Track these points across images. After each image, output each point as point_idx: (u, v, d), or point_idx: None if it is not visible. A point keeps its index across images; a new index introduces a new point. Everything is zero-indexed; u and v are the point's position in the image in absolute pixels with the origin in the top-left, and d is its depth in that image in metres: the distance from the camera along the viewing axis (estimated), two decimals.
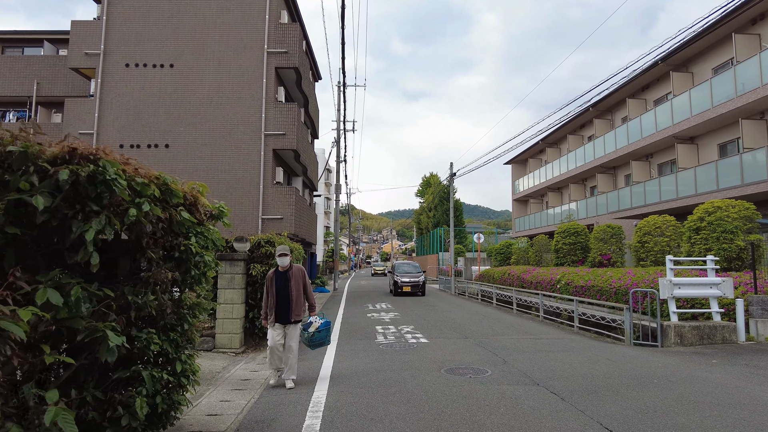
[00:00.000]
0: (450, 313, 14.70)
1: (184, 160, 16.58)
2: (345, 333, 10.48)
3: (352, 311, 15.13)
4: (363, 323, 12.12)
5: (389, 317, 13.37)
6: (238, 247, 8.63)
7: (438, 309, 15.89)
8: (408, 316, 13.71)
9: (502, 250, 26.20)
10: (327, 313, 14.85)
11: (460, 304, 17.86)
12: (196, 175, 16.36)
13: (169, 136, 16.69)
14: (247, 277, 8.82)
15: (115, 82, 16.87)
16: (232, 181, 16.43)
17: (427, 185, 51.31)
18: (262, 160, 16.32)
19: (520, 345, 8.86)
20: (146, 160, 14.82)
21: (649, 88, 22.10)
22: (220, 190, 16.40)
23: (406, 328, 11.08)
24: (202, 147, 16.63)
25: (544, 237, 21.83)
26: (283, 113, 16.60)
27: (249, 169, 16.45)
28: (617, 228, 16.63)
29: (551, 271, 17.42)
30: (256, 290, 8.83)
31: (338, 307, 16.81)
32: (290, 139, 16.47)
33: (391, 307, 16.16)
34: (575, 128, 29.03)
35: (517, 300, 15.77)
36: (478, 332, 10.51)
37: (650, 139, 20.04)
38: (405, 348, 8.52)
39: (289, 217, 16.11)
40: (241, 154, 16.56)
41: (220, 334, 8.47)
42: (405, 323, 11.95)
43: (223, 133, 16.68)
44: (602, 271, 14.80)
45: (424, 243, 48.69)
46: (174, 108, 16.80)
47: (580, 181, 28.45)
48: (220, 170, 16.51)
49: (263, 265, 8.76)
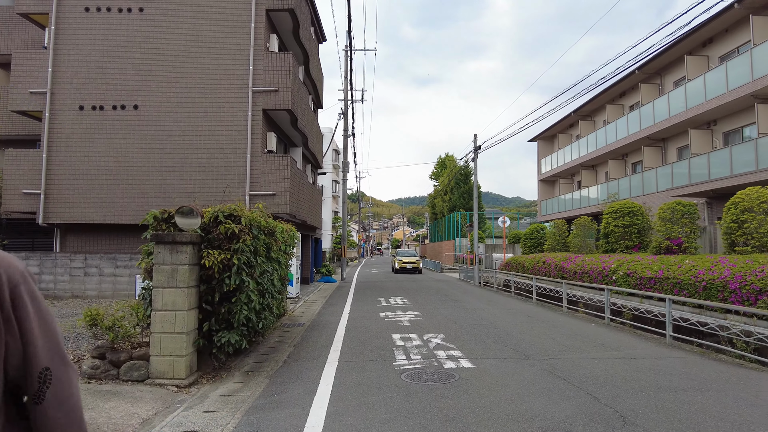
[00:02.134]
0: (484, 312, 11.65)
1: (155, 124, 13.59)
2: (351, 346, 7.48)
3: (361, 309, 12.16)
4: (375, 328, 9.13)
5: (408, 318, 10.37)
6: (184, 223, 5.63)
7: (467, 306, 12.84)
8: (432, 316, 10.70)
9: (532, 235, 23.00)
10: (330, 311, 11.90)
11: (490, 299, 14.79)
12: (169, 142, 13.41)
13: (139, 94, 13.69)
14: (200, 269, 5.82)
15: (72, 30, 13.86)
16: (213, 149, 13.43)
17: (443, 167, 47.88)
18: (249, 122, 13.27)
19: (616, 372, 5.79)
20: (111, 124, 11.65)
21: (713, 42, 18.57)
22: (199, 161, 13.44)
23: (434, 337, 8.06)
24: (177, 108, 13.62)
25: (587, 219, 18.60)
26: (276, 65, 13.49)
27: (234, 135, 13.42)
28: (690, 206, 13.39)
29: (601, 258, 14.30)
30: (214, 289, 5.84)
31: (344, 302, 13.86)
32: (284, 97, 13.38)
33: (408, 303, 13.16)
34: (614, 97, 25.53)
35: (568, 295, 12.67)
36: (539, 346, 7.45)
37: (718, 101, 16.62)
38: (442, 380, 5.49)
39: (283, 192, 13.09)
40: (225, 116, 13.52)
41: (156, 356, 5.51)
42: (431, 328, 8.93)
43: (202, 90, 13.64)
44: (675, 258, 11.67)
45: (438, 228, 45.53)
46: (144, 61, 13.77)
47: (620, 157, 25.04)
48: (198, 135, 13.50)
49: (223, 252, 5.75)
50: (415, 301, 13.76)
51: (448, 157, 48.19)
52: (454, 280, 24.11)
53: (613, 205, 16.15)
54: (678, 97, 19.11)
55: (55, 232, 14.20)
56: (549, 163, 32.17)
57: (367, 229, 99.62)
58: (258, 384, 5.55)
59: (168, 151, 13.44)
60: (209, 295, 5.88)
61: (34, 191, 13.43)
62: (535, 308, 12.75)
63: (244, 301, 5.86)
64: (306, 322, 10.28)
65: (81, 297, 13.20)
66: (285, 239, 8.80)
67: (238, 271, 5.81)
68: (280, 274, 8.35)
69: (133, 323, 6.10)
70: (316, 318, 10.91)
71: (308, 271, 20.32)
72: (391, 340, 7.87)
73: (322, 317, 10.99)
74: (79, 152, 13.57)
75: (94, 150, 13.57)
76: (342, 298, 15.28)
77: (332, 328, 9.39)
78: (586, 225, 18.44)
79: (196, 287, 5.80)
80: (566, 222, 21.65)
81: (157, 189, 13.33)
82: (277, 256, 7.94)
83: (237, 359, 6.69)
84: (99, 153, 13.57)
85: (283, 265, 8.67)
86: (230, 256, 5.74)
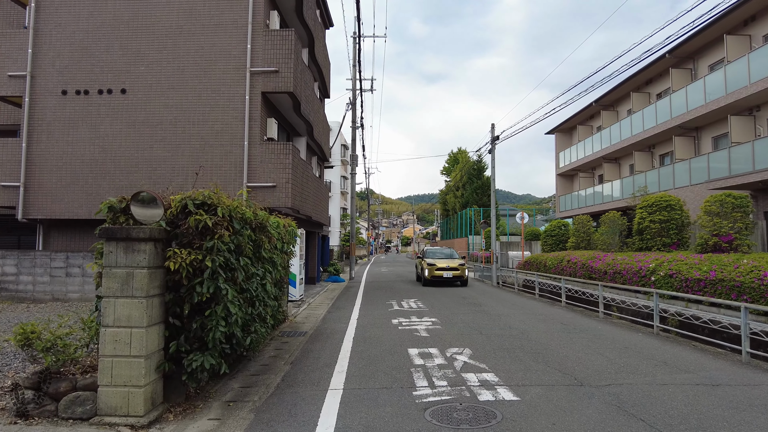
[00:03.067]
0: (511, 318, 10.27)
1: (144, 109, 12.36)
2: (359, 366, 6.16)
3: (371, 314, 10.84)
4: (388, 340, 7.81)
5: (425, 326, 9.03)
6: (143, 214, 4.34)
7: (489, 311, 11.47)
8: (452, 323, 9.35)
9: (553, 232, 21.54)
10: (336, 316, 10.61)
11: (514, 302, 13.40)
12: (160, 129, 12.17)
13: (127, 77, 12.47)
14: (165, 273, 4.53)
15: (55, 7, 12.67)
16: (207, 137, 12.17)
17: (455, 162, 46.32)
18: (247, 106, 11.99)
19: (707, 409, 4.40)
20: (97, 110, 10.03)
21: (756, 20, 16.95)
22: (192, 150, 12.20)
23: (459, 353, 6.71)
24: (168, 91, 12.37)
25: (615, 214, 17.12)
26: (276, 44, 12.18)
27: (230, 120, 12.15)
28: (742, 198, 11.90)
29: (636, 257, 12.87)
30: (183, 299, 4.54)
31: (353, 305, 12.56)
32: (285, 78, 12.08)
33: (423, 307, 11.82)
34: (640, 84, 23.92)
35: (603, 299, 11.25)
36: (589, 366, 6.06)
37: (765, 83, 15.04)
38: (480, 422, 4.14)
39: (285, 184, 11.79)
40: (220, 100, 12.26)
41: (106, 387, 4.24)
42: (454, 341, 7.58)
43: (196, 72, 12.38)
44: (728, 257, 10.23)
45: (450, 226, 44.06)
46: (133, 40, 12.54)
47: (647, 149, 23.43)
48: (191, 122, 12.25)
49: (193, 252, 4.45)
50: (430, 305, 12.43)
51: (460, 151, 46.62)
52: (470, 280, 22.70)
53: (648, 199, 14.67)
54: (715, 82, 17.52)
55: (38, 229, 13.05)
56: (568, 156, 30.60)
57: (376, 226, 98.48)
58: (239, 422, 4.26)
59: (158, 138, 12.22)
60: (177, 306, 4.59)
61: (12, 184, 12.28)
62: (567, 313, 11.34)
63: (220, 314, 4.55)
64: (308, 330, 8.99)
65: (62, 300, 12.02)
66: (282, 236, 7.50)
67: (213, 275, 4.51)
68: (275, 276, 7.05)
69: (85, 341, 4.84)
70: (321, 325, 9.62)
71: (314, 270, 19.07)
72: (407, 357, 6.54)
73: (327, 324, 9.69)
74: (62, 141, 12.39)
75: (78, 138, 12.38)
76: (350, 300, 13.98)
77: (338, 338, 8.08)
78: (615, 221, 16.96)
79: (160, 296, 4.50)
80: (591, 218, 20.15)
81: (146, 180, 12.09)
82: (271, 256, 6.64)
83: (219, 383, 5.40)
84: (84, 142, 12.38)
85: (280, 266, 7.37)
86: (202, 256, 4.44)
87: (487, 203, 42.48)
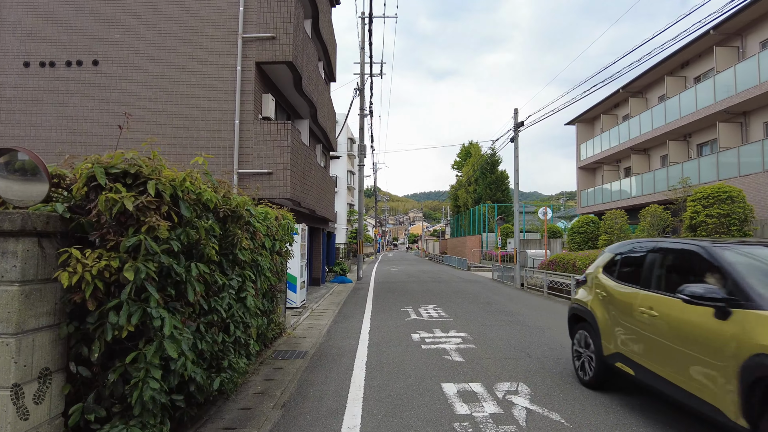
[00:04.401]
0: (557, 333, 8.39)
1: (120, 84, 10.58)
2: (378, 415, 4.33)
3: (384, 325, 9.01)
4: (411, 366, 5.98)
5: (455, 345, 7.19)
6: (12, 191, 2.52)
7: (526, 322, 9.60)
8: (487, 339, 7.50)
9: (581, 229, 19.58)
10: (343, 328, 8.80)
11: (551, 310, 11.52)
12: (138, 107, 10.38)
13: (99, 47, 10.69)
14: (63, 291, 2.70)
15: None
16: (192, 116, 10.38)
17: (467, 155, 44.26)
18: (238, 79, 10.17)
19: None
20: (65, 85, 8.10)
21: None
22: (174, 130, 10.41)
23: (514, 393, 4.86)
24: (147, 63, 10.58)
25: (658, 208, 15.18)
26: (273, 6, 10.34)
27: (219, 96, 10.35)
28: None
29: None
30: (91, 335, 2.71)
31: (362, 313, 10.74)
32: (283, 46, 10.24)
33: (445, 316, 9.98)
34: (675, 67, 21.86)
35: None
36: None
37: None
38: None
39: (283, 171, 9.96)
40: (208, 72, 10.45)
41: None
42: (500, 371, 5.74)
43: (179, 39, 10.58)
44: None
45: (461, 222, 42.10)
46: (106, 3, 10.76)
47: (682, 138, 21.40)
48: (174, 98, 10.46)
49: (106, 255, 2.62)
50: (453, 313, 10.58)
51: (472, 144, 44.49)
52: (487, 280, 20.83)
53: (702, 190, 12.72)
54: None
55: None
56: (590, 148, 28.57)
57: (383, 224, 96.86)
58: None
59: (136, 118, 10.43)
60: (84, 345, 2.77)
61: None
62: None
63: (152, 359, 2.73)
64: (309, 349, 7.18)
65: None
66: (273, 231, 5.67)
67: (139, 294, 2.69)
68: (263, 286, 5.24)
69: None
70: (325, 341, 7.81)
71: (319, 270, 17.28)
72: (444, 400, 4.69)
73: (333, 339, 7.88)
74: (24, 121, 10.64)
75: (42, 118, 10.63)
76: (359, 305, 12.17)
77: (346, 362, 6.26)
78: (658, 216, 15.02)
79: (51, 330, 2.69)
80: (625, 212, 18.20)
81: None
82: (255, 259, 4.83)
83: None
84: (49, 122, 10.62)
85: (269, 271, 5.54)
86: (119, 262, 2.62)
87: (502, 199, 40.51)
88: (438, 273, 25.75)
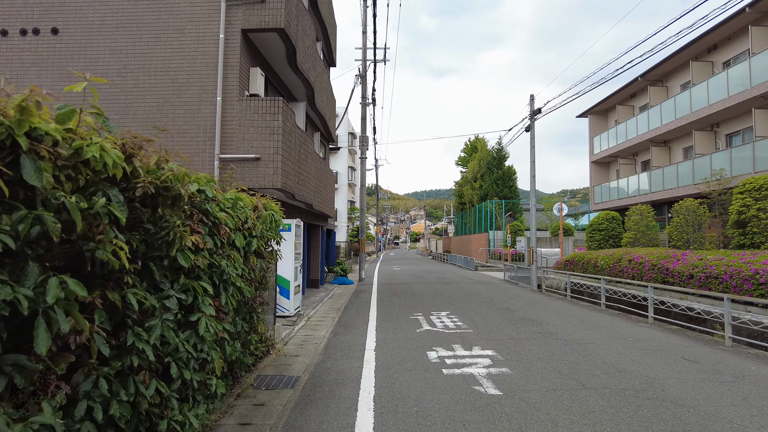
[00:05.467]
0: (602, 349, 6.90)
1: (83, 55, 9.09)
2: None
3: (393, 339, 7.52)
4: (433, 406, 4.50)
5: (486, 370, 5.71)
6: None
7: (561, 334, 8.11)
8: (524, 362, 6.01)
9: (602, 226, 18.09)
10: (344, 343, 7.34)
11: (582, 318, 10.03)
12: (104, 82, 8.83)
13: (59, 13, 9.20)
14: None
15: None
16: (167, 91, 8.88)
17: (473, 150, 42.58)
18: (221, 49, 8.67)
19: None
20: (19, 57, 6.75)
21: None
22: (146, 109, 8.91)
23: None
24: (115, 32, 9.08)
25: (693, 203, 13.68)
26: None
27: (199, 69, 8.85)
28: None
29: (741, 257, 9.50)
30: None
31: (366, 321, 9.26)
32: (274, 11, 8.74)
33: (464, 327, 8.49)
34: (700, 52, 20.31)
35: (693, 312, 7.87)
36: None
37: None
38: None
39: (272, 156, 8.47)
40: (186, 42, 8.95)
41: None
42: (557, 412, 4.25)
43: (153, 3, 9.06)
44: None
45: (466, 220, 40.56)
46: None
47: (708, 128, 19.87)
48: (146, 71, 8.96)
49: None
50: (471, 322, 9.11)
51: (478, 139, 42.81)
52: (498, 281, 19.35)
53: (754, 181, 11.21)
54: None
55: None
56: (605, 141, 27.04)
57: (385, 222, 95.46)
58: None
59: (102, 95, 8.93)
60: None
61: None
62: (674, 338, 7.94)
63: None
64: (302, 374, 5.71)
65: None
66: (249, 225, 4.17)
67: None
68: (230, 301, 3.73)
69: None
70: (321, 361, 6.33)
71: (318, 271, 15.79)
72: None
73: (332, 360, 6.40)
74: None
75: None
76: (362, 312, 10.69)
77: (348, 398, 4.78)
78: (694, 211, 13.52)
79: None
80: (652, 208, 16.70)
81: None
82: (217, 263, 3.33)
83: None
84: None
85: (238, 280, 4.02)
86: None
87: (509, 195, 38.95)
88: (444, 273, 24.27)
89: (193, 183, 3.00)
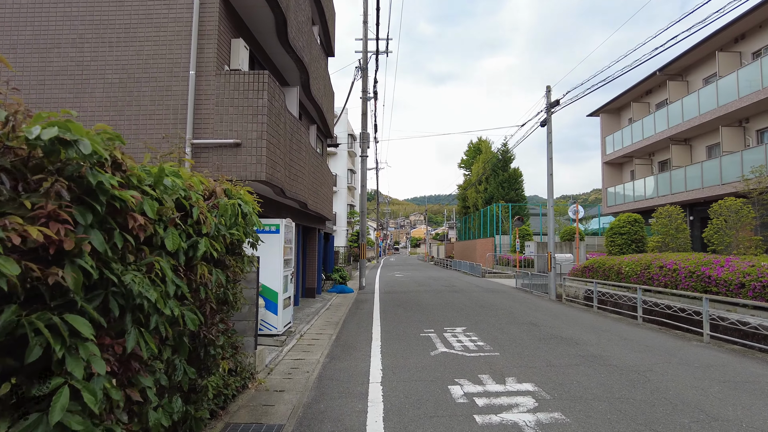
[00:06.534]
0: (666, 378, 5.41)
1: (31, 24, 7.65)
2: None
3: (404, 367, 6.01)
4: None
5: (531, 415, 4.22)
6: None
7: (609, 358, 6.61)
8: (578, 402, 4.52)
9: (624, 229, 16.62)
10: (342, 372, 5.86)
11: (622, 335, 8.52)
12: (56, 54, 7.45)
13: None
14: None
15: None
16: (131, 65, 7.43)
17: (476, 152, 41.10)
18: (195, 14, 7.23)
19: None
20: None
21: None
22: (106, 86, 7.45)
23: None
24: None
25: (736, 202, 12.22)
26: None
27: (169, 39, 7.40)
28: None
29: None
30: None
31: (369, 342, 7.76)
32: None
33: (488, 349, 7.00)
34: (726, 42, 18.93)
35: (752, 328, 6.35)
36: None
37: None
38: None
39: (256, 141, 7.01)
40: (154, 7, 7.52)
41: None
42: None
43: None
44: None
45: (470, 224, 39.04)
46: None
47: (737, 123, 18.46)
48: (106, 42, 7.52)
49: None
50: (494, 341, 7.62)
51: (481, 141, 41.34)
52: (510, 289, 17.85)
53: None
54: None
55: None
56: (618, 140, 25.62)
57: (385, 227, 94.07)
58: None
59: (55, 71, 7.49)
60: None
61: None
62: (755, 366, 6.43)
63: None
64: (285, 422, 4.24)
65: None
66: (197, 216, 2.69)
67: None
68: (151, 346, 2.24)
69: None
70: (313, 401, 4.83)
71: (314, 279, 14.28)
72: None
73: (326, 399, 4.89)
74: None
75: None
76: (363, 327, 9.20)
77: None
78: (737, 212, 12.06)
79: None
80: (682, 210, 15.23)
81: None
82: (122, 276, 1.84)
83: None
84: None
85: (167, 305, 2.53)
86: None
87: (516, 198, 37.47)
88: (450, 280, 22.75)
89: (46, 127, 1.53)
